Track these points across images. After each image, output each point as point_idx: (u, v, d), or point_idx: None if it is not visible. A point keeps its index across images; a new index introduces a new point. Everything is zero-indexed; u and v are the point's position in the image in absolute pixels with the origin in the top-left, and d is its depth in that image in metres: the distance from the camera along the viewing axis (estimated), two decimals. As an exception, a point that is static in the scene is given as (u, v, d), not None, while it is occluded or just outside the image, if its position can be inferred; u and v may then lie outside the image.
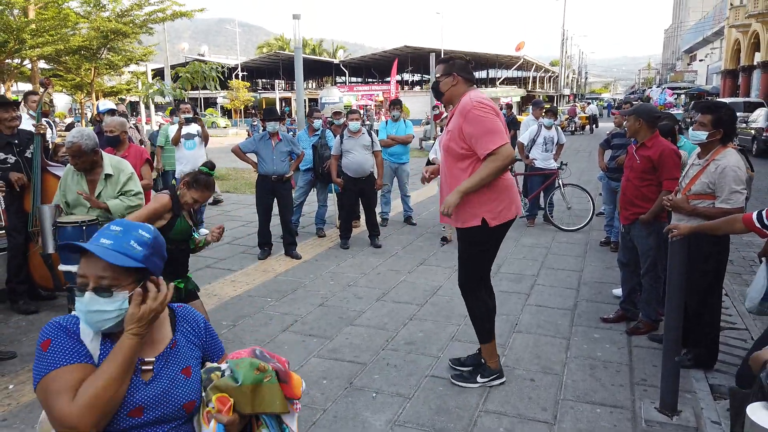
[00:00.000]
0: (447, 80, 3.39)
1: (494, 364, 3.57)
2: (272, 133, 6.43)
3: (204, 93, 45.50)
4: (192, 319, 1.77)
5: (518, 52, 57.52)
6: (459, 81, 3.37)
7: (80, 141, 3.67)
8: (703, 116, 3.58)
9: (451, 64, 3.40)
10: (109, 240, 1.51)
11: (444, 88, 3.42)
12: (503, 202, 3.33)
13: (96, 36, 21.15)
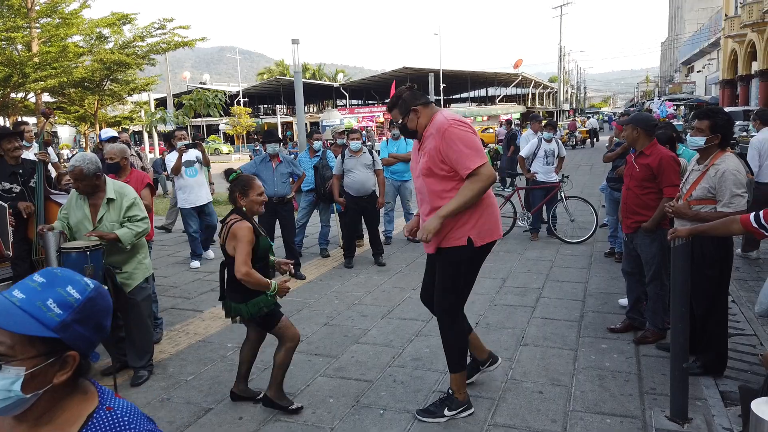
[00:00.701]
0: (410, 117, 3.25)
1: (462, 396, 3.36)
2: (272, 155, 6.48)
3: (206, 120, 45.91)
4: None
5: (516, 69, 58.01)
6: (420, 110, 3.22)
7: (82, 165, 3.71)
8: (700, 122, 3.60)
9: (402, 103, 3.26)
10: (23, 294, 1.12)
11: (413, 126, 3.26)
12: (489, 221, 3.21)
13: (99, 68, 21.48)
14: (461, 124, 3.11)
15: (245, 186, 3.36)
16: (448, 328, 3.36)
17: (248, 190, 3.36)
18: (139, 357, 4.04)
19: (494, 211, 3.26)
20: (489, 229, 3.22)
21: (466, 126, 3.13)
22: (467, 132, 3.10)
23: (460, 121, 3.13)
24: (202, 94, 14.68)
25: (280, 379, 3.43)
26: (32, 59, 19.28)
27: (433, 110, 3.25)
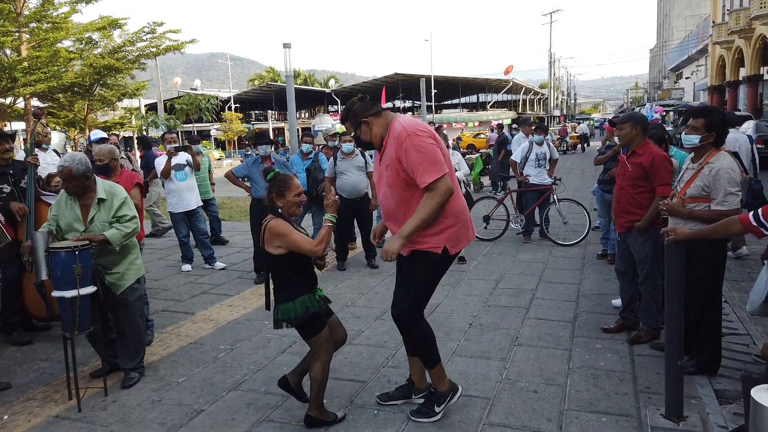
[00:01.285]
0: (363, 130, 3.15)
1: (445, 387, 3.31)
2: (264, 157, 6.45)
3: (198, 125, 45.77)
4: None
5: (507, 75, 58.35)
6: (372, 120, 3.12)
7: (71, 165, 3.66)
8: (695, 120, 3.62)
9: (354, 115, 3.16)
10: None
11: (366, 137, 3.16)
12: (462, 227, 3.14)
13: (89, 72, 21.36)
14: (419, 134, 2.95)
15: (282, 186, 3.21)
16: (415, 333, 3.26)
17: (285, 190, 3.20)
18: (130, 359, 3.98)
19: (465, 216, 3.18)
20: (463, 234, 3.18)
21: (423, 135, 2.96)
22: (424, 142, 2.94)
23: (418, 129, 2.98)
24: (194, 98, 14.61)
25: (320, 396, 3.25)
26: (21, 63, 19.14)
27: (387, 119, 3.12)
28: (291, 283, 3.17)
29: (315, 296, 3.20)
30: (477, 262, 7.16)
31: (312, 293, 3.20)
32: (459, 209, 3.13)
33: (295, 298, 3.14)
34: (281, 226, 3.09)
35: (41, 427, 3.39)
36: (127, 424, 3.38)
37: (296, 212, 3.28)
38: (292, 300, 3.14)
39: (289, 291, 3.16)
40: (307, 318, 3.14)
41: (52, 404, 3.68)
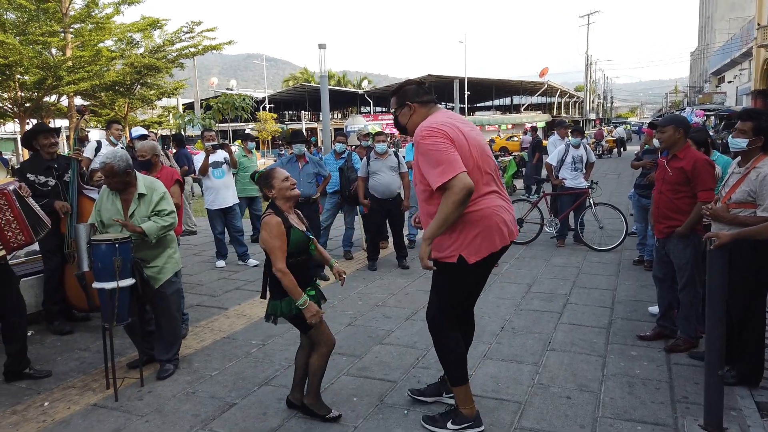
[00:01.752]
0: (404, 111, 3.12)
1: (468, 411, 3.11)
2: (299, 156, 6.51)
3: (233, 125, 46.52)
4: None
5: (542, 77, 57.64)
6: (415, 108, 3.07)
7: (113, 162, 3.77)
8: (743, 123, 3.51)
9: (402, 94, 3.12)
10: None
11: (404, 120, 3.12)
12: (481, 235, 2.89)
13: (130, 72, 21.92)
14: (432, 134, 2.83)
15: (266, 179, 3.25)
16: (438, 340, 3.15)
17: (271, 180, 3.24)
18: (166, 350, 4.07)
19: (487, 222, 2.90)
20: (483, 242, 2.91)
21: (433, 136, 2.83)
22: (437, 141, 2.81)
23: (431, 129, 2.86)
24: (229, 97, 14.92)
25: (316, 386, 3.31)
26: (66, 62, 19.75)
27: (430, 112, 3.06)
28: (278, 284, 3.16)
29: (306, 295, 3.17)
30: (509, 265, 7.08)
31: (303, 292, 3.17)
32: (481, 214, 2.88)
33: (284, 297, 3.15)
34: (268, 227, 3.10)
35: (80, 414, 3.49)
36: (161, 415, 3.45)
37: (291, 195, 3.23)
38: (280, 298, 3.17)
39: (279, 288, 3.16)
40: (294, 316, 3.18)
41: (90, 393, 3.79)
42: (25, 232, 3.81)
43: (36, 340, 4.78)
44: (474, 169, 2.86)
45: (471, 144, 2.90)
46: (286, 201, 3.24)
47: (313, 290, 3.30)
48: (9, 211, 3.76)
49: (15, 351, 3.96)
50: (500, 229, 2.94)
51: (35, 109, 21.43)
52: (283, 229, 3.11)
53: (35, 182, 4.78)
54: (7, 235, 3.75)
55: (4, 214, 3.74)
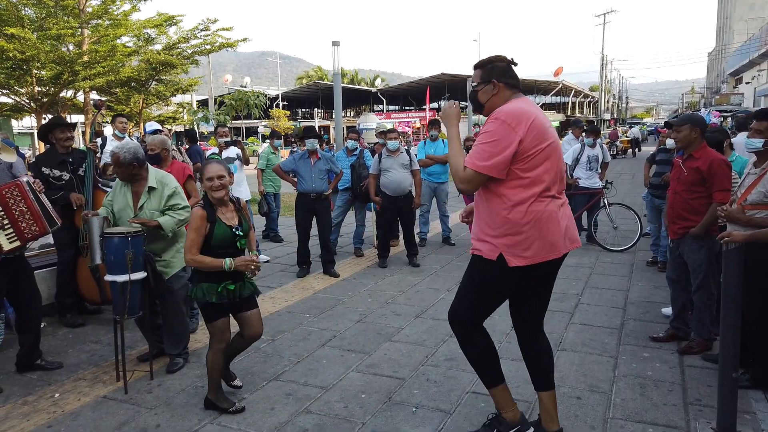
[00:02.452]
0: (486, 89, 2.77)
1: (511, 415, 2.87)
2: (311, 152, 6.51)
3: (246, 122, 46.73)
4: None
5: (557, 77, 57.24)
6: (500, 88, 2.74)
7: (119, 153, 3.81)
8: (759, 123, 3.45)
9: (489, 69, 2.78)
10: None
11: (483, 98, 2.78)
12: (531, 239, 2.62)
13: (145, 68, 22.07)
14: (498, 119, 2.60)
15: (201, 171, 3.39)
16: (465, 340, 2.92)
17: (202, 174, 3.34)
18: (175, 345, 4.08)
19: (540, 228, 2.63)
20: (534, 248, 2.62)
21: (499, 121, 2.60)
22: (498, 129, 2.58)
23: (504, 114, 2.60)
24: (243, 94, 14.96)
25: (214, 382, 3.39)
26: (82, 57, 19.93)
27: (512, 97, 2.75)
28: (197, 269, 3.30)
29: (218, 288, 3.25)
30: (521, 264, 7.02)
31: (217, 284, 3.25)
32: (530, 219, 2.61)
33: (199, 282, 3.27)
34: (194, 217, 3.24)
35: (90, 406, 3.51)
36: (170, 408, 3.46)
37: (216, 196, 3.29)
38: (197, 283, 3.29)
39: (198, 273, 3.32)
40: (204, 305, 3.28)
41: (100, 385, 3.81)
42: (38, 222, 3.85)
43: (48, 332, 4.83)
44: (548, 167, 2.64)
45: (550, 138, 2.66)
46: (214, 201, 3.32)
47: (233, 285, 3.31)
48: (23, 202, 3.79)
49: (29, 342, 4.00)
50: (552, 239, 2.65)
51: (51, 105, 21.64)
52: (202, 222, 3.22)
53: (50, 176, 4.82)
54: (22, 225, 3.79)
55: (18, 205, 3.78)
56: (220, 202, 3.33)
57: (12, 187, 3.80)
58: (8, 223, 3.74)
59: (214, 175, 3.29)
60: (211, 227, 3.24)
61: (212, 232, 3.24)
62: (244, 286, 3.39)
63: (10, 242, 3.75)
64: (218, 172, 3.30)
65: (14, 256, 3.85)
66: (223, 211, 3.34)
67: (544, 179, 2.63)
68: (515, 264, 2.64)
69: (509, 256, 2.64)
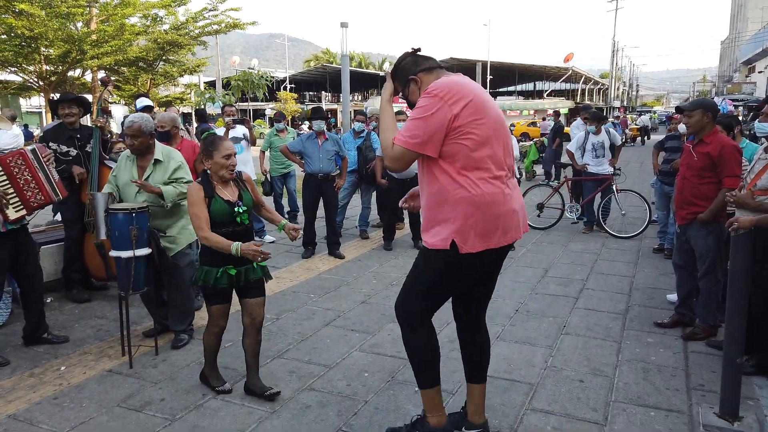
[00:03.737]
0: (412, 89, 2.64)
1: (436, 420, 2.74)
2: (319, 133, 6.48)
3: (253, 104, 46.60)
4: None
5: (567, 63, 56.67)
6: (422, 77, 2.61)
7: (140, 122, 3.80)
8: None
9: (402, 71, 2.66)
10: None
11: (415, 98, 2.60)
12: (481, 222, 2.46)
13: (153, 48, 21.98)
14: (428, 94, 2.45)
15: (209, 146, 3.11)
16: (405, 333, 2.74)
17: (213, 151, 3.10)
18: (180, 321, 4.11)
19: (496, 211, 2.47)
20: (485, 230, 2.47)
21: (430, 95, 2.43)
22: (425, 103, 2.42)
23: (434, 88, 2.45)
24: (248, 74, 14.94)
25: (208, 359, 3.41)
26: (90, 36, 19.87)
27: (439, 76, 2.58)
28: (204, 249, 3.20)
29: (218, 272, 3.13)
30: (526, 249, 7.02)
31: (217, 268, 3.13)
32: (476, 202, 2.44)
33: (203, 265, 3.20)
34: (190, 196, 3.14)
35: (95, 379, 3.54)
36: (175, 383, 3.49)
37: (225, 176, 3.14)
38: (200, 266, 3.23)
39: (202, 255, 3.25)
40: (204, 288, 3.22)
41: (106, 359, 3.84)
42: (43, 191, 3.87)
43: (54, 307, 4.87)
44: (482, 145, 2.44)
45: (488, 113, 2.47)
46: (219, 179, 3.18)
47: (234, 269, 3.16)
48: (27, 171, 3.81)
49: (33, 316, 4.03)
50: (503, 220, 2.51)
51: (60, 84, 21.63)
52: (200, 197, 3.11)
53: (57, 151, 4.82)
54: (27, 194, 3.81)
55: (22, 173, 3.80)
56: (221, 180, 3.19)
57: (16, 156, 3.83)
58: (13, 192, 3.76)
59: (231, 152, 3.14)
60: (208, 203, 3.12)
61: (209, 207, 3.12)
62: (252, 271, 3.24)
63: (16, 211, 3.78)
64: (232, 150, 3.16)
65: (19, 229, 3.87)
66: (222, 187, 3.20)
67: (486, 160, 2.45)
68: (466, 251, 2.47)
69: (460, 243, 2.47)
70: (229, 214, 3.16)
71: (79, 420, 3.06)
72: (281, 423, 3.04)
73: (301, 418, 3.09)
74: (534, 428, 2.98)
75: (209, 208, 3.12)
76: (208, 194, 3.13)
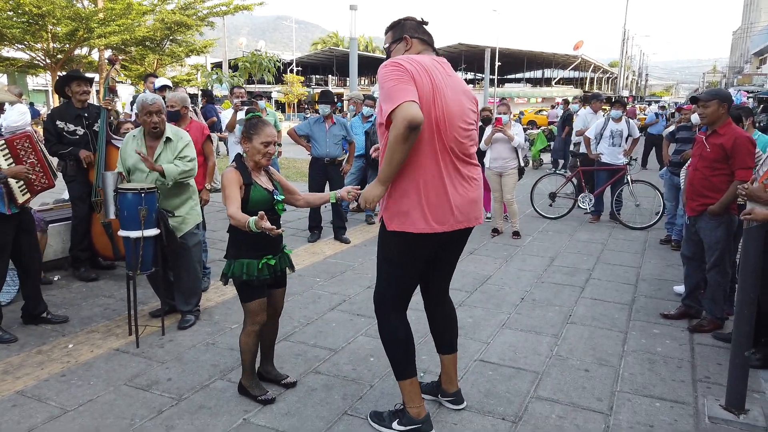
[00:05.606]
0: (399, 47, 2.66)
1: (415, 411, 2.74)
2: (326, 116, 6.45)
3: (260, 87, 46.44)
4: None
5: (576, 51, 56.15)
6: (413, 44, 2.64)
7: (160, 101, 3.81)
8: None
9: (400, 28, 2.69)
10: None
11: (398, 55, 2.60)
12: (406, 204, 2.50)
13: (160, 27, 21.90)
14: (394, 65, 2.42)
15: (251, 129, 2.95)
16: (380, 322, 2.79)
17: (253, 135, 2.94)
18: (187, 301, 4.12)
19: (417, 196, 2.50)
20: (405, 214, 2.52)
21: (396, 66, 2.42)
22: (394, 72, 2.40)
23: (396, 61, 2.44)
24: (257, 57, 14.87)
25: (247, 365, 3.09)
26: (97, 14, 19.79)
27: (423, 53, 2.65)
28: (236, 242, 2.99)
29: (259, 264, 2.95)
30: (532, 238, 7.00)
31: (257, 259, 2.95)
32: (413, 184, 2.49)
33: (236, 258, 2.97)
34: (227, 178, 2.91)
35: (102, 358, 3.56)
36: (181, 363, 3.51)
37: (261, 162, 2.97)
38: (232, 259, 2.99)
39: (233, 248, 3.01)
40: (241, 283, 2.98)
41: (113, 338, 3.86)
42: (47, 175, 3.87)
43: (62, 285, 4.89)
44: (425, 128, 2.43)
45: (436, 97, 2.45)
46: (254, 165, 3.01)
47: (273, 259, 3.03)
48: (33, 155, 3.80)
49: (29, 294, 4.03)
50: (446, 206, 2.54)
51: (66, 62, 21.59)
52: (236, 179, 2.91)
53: (64, 130, 4.82)
54: (31, 178, 3.80)
55: (28, 156, 3.78)
56: (256, 166, 3.02)
57: (23, 138, 3.81)
58: None
59: (272, 140, 2.95)
60: (247, 190, 2.93)
61: (248, 195, 2.93)
62: (284, 259, 3.15)
63: (22, 194, 3.77)
64: (275, 136, 2.99)
65: (21, 210, 3.87)
66: (257, 175, 3.04)
67: (433, 138, 2.47)
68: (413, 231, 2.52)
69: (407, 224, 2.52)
70: (270, 201, 3.00)
71: (87, 397, 3.08)
72: (287, 405, 3.05)
73: (307, 400, 3.11)
74: (539, 416, 2.99)
75: (248, 195, 2.93)
76: (246, 181, 2.94)
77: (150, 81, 6.91)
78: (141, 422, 2.86)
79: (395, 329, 2.75)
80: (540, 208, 8.33)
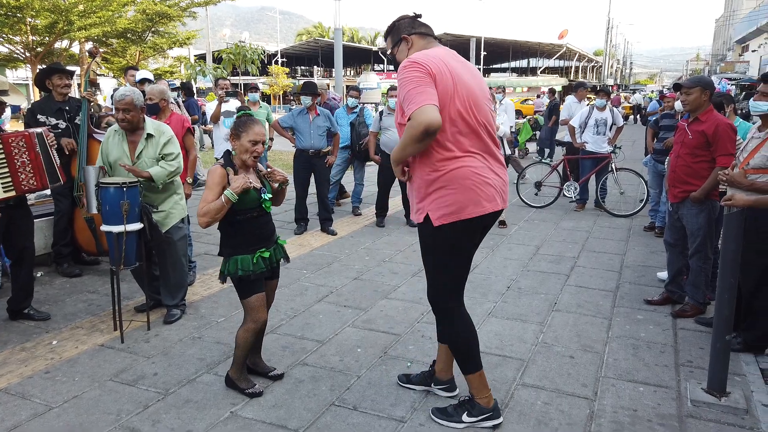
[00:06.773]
0: (401, 48, 2.73)
1: (485, 401, 2.79)
2: (309, 108, 6.40)
3: (244, 78, 46.09)
4: None
5: (561, 40, 56.31)
6: (413, 40, 2.70)
7: (132, 96, 3.72)
8: (765, 86, 3.39)
9: (396, 30, 2.75)
10: None
11: (401, 59, 2.67)
12: (453, 195, 2.53)
13: (142, 19, 21.59)
14: (411, 65, 2.47)
15: (239, 127, 2.91)
16: (442, 322, 2.85)
17: (242, 132, 2.90)
18: (173, 296, 4.10)
19: (464, 184, 2.53)
20: (454, 204, 2.54)
21: (415, 67, 2.46)
22: (413, 73, 2.45)
23: (413, 61, 2.48)
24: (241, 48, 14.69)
25: (239, 359, 3.07)
26: (77, 6, 19.46)
27: (428, 46, 2.69)
28: (229, 239, 2.98)
29: (253, 258, 2.94)
30: (518, 227, 7.04)
31: (251, 254, 2.94)
32: (455, 173, 2.52)
33: (231, 255, 2.95)
34: (210, 175, 2.90)
35: (87, 354, 3.54)
36: (168, 357, 3.50)
37: (247, 162, 2.94)
38: (228, 256, 2.97)
39: (226, 246, 2.99)
40: (238, 279, 2.95)
41: (98, 334, 3.83)
42: (37, 176, 3.82)
43: (45, 281, 4.84)
44: (456, 119, 2.49)
45: (458, 87, 2.49)
46: (241, 164, 2.97)
47: (267, 251, 3.02)
48: (26, 154, 3.76)
49: (20, 290, 3.99)
50: (481, 192, 2.55)
51: (47, 55, 21.24)
52: (223, 181, 2.89)
53: (46, 124, 4.74)
54: (20, 177, 3.75)
55: (21, 155, 3.74)
56: (243, 165, 2.98)
57: (19, 137, 3.79)
58: (6, 172, 3.70)
59: (260, 139, 2.91)
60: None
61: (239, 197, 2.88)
62: (278, 250, 3.13)
63: (4, 191, 3.72)
64: (263, 135, 2.95)
65: (14, 203, 3.82)
66: (245, 172, 2.99)
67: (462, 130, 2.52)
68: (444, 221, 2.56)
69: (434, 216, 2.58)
70: (256, 200, 2.97)
71: (72, 394, 3.06)
72: (274, 397, 3.05)
73: (294, 392, 3.11)
74: (525, 403, 3.02)
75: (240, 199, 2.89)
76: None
77: (130, 74, 6.81)
78: (127, 417, 2.85)
79: (461, 327, 2.78)
80: (526, 197, 8.37)
